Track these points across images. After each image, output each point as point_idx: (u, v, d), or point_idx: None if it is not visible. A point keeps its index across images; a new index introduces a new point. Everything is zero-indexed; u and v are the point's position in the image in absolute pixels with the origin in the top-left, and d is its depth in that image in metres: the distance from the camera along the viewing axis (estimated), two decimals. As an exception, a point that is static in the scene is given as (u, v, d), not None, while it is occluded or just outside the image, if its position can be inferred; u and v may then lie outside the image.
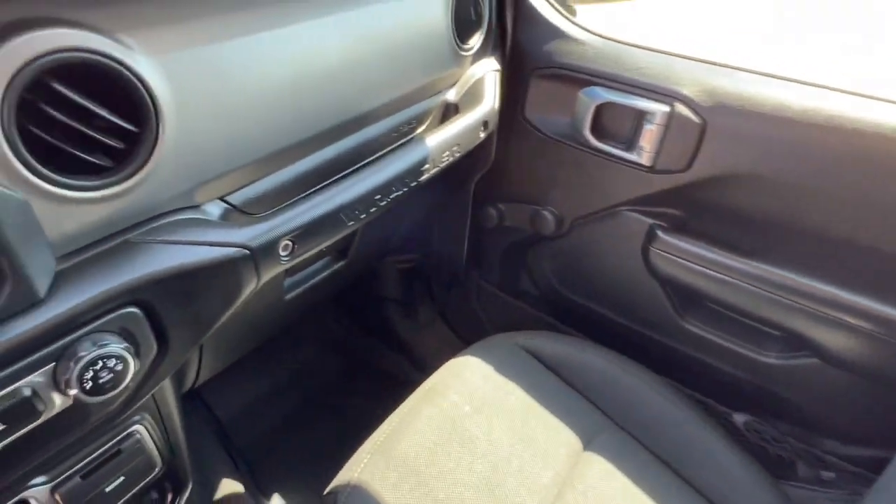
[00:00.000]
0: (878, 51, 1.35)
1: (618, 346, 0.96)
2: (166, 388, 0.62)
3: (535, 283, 1.21)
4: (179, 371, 0.73)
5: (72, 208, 0.44)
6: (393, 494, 0.75)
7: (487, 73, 0.93)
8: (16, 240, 0.39)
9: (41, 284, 0.42)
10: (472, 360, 0.94)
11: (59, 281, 0.44)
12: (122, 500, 0.58)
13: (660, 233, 0.92)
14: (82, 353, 0.43)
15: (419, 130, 0.85)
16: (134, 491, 0.59)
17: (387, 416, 0.86)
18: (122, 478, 0.56)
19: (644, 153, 0.87)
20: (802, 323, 0.86)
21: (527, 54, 0.96)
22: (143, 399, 0.55)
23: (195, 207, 0.56)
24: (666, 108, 0.83)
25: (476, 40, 0.89)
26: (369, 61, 0.70)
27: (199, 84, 0.51)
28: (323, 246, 0.66)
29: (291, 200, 0.63)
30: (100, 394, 0.45)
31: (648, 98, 0.85)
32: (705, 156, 0.83)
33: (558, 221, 1.05)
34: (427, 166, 0.77)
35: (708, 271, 0.90)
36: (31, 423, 0.43)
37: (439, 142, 0.79)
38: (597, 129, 0.92)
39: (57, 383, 0.44)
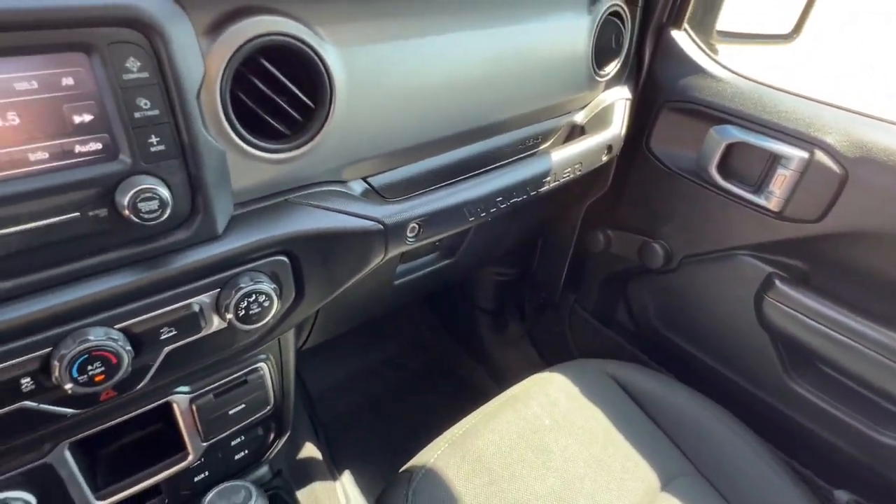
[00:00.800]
0: None
1: (712, 394, 0.92)
2: (288, 339, 0.70)
3: (632, 316, 1.19)
4: (298, 328, 0.81)
5: (253, 165, 0.53)
6: (464, 485, 0.78)
7: (618, 100, 0.95)
8: (212, 182, 0.48)
9: (221, 223, 0.50)
10: (559, 377, 0.95)
11: (232, 224, 0.52)
12: (238, 426, 0.66)
13: (778, 282, 0.88)
14: (242, 286, 0.51)
15: (544, 146, 0.89)
16: (249, 420, 0.67)
17: (459, 418, 0.89)
18: (243, 405, 0.64)
19: (773, 198, 0.84)
20: None
21: (660, 86, 0.97)
22: (274, 338, 0.62)
23: (342, 182, 0.63)
24: (805, 155, 0.80)
25: (612, 68, 0.92)
26: (510, 76, 0.75)
27: (368, 76, 0.58)
28: (443, 236, 0.72)
29: (422, 190, 0.69)
30: (248, 323, 0.53)
31: (786, 142, 0.82)
32: (842, 208, 0.78)
33: (667, 256, 1.03)
34: (548, 178, 0.80)
35: (828, 330, 0.84)
36: (193, 335, 0.52)
37: (563, 158, 0.82)
38: (723, 168, 0.91)
39: (218, 307, 0.52)
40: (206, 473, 0.68)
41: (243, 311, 0.52)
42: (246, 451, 0.72)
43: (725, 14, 1.00)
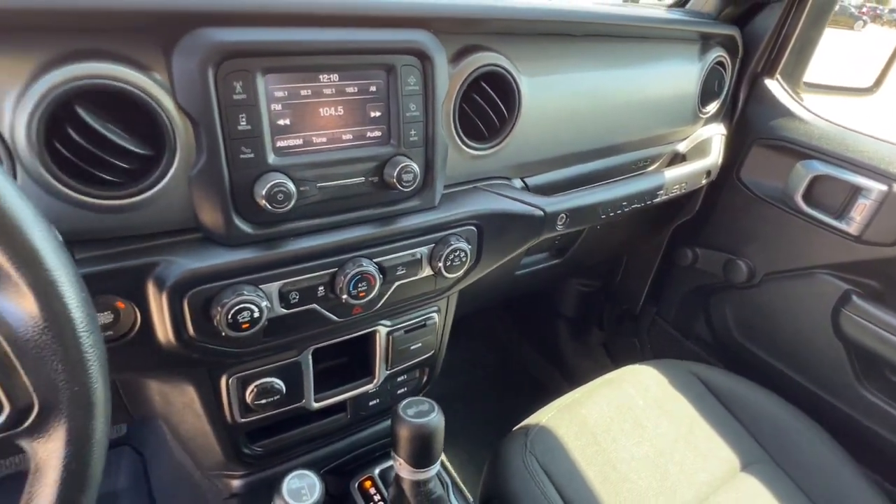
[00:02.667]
0: None
1: (786, 397, 1.04)
2: (452, 300, 0.88)
3: (712, 328, 1.32)
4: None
5: (461, 158, 0.73)
6: (573, 442, 0.93)
7: (714, 135, 1.12)
8: (439, 166, 0.68)
9: (437, 198, 0.70)
10: (649, 369, 1.09)
11: (443, 199, 0.72)
12: (411, 362, 0.84)
13: (855, 298, 1.01)
14: (451, 243, 0.71)
15: (652, 168, 1.06)
16: (418, 359, 0.85)
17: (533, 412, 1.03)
18: (420, 344, 0.83)
19: (853, 223, 0.98)
20: None
21: (752, 125, 1.13)
22: (455, 291, 0.81)
23: (507, 179, 0.83)
24: (884, 187, 0.95)
25: (713, 107, 1.09)
26: (636, 107, 0.94)
27: (541, 101, 0.78)
28: (581, 227, 0.89)
29: (568, 191, 0.87)
30: (450, 272, 0.72)
31: (867, 176, 0.97)
32: None
33: (751, 272, 1.17)
34: (661, 192, 0.97)
35: None
36: (413, 276, 0.71)
37: (672, 177, 0.99)
38: (808, 197, 1.05)
39: (431, 258, 0.71)
40: (378, 400, 0.86)
41: (449, 263, 0.71)
42: (406, 388, 0.89)
43: (812, 68, 1.17)
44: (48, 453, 0.35)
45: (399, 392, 0.89)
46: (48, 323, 0.33)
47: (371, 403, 0.86)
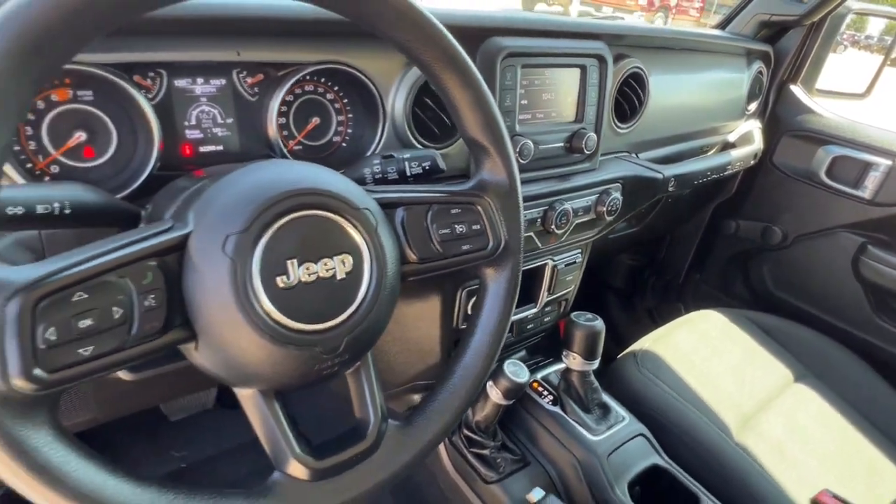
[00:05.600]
0: None
1: (821, 332, 1.34)
2: (590, 245, 1.14)
3: (750, 286, 1.63)
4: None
5: (612, 135, 1.01)
6: (671, 359, 1.20)
7: (755, 128, 1.43)
8: (603, 139, 0.95)
9: (598, 162, 0.98)
10: (710, 313, 1.37)
11: (599, 164, 0.99)
12: (560, 293, 1.09)
13: (870, 247, 1.33)
14: (611, 194, 0.98)
15: (710, 153, 1.37)
16: (566, 290, 1.11)
17: None
18: (570, 277, 1.09)
19: (867, 190, 1.30)
20: None
21: (781, 120, 1.46)
22: (600, 235, 1.08)
23: (629, 153, 1.11)
24: (889, 162, 1.27)
25: (753, 106, 1.41)
26: (705, 102, 1.24)
27: (657, 93, 1.07)
28: (683, 191, 1.17)
29: (671, 164, 1.16)
30: (608, 216, 0.99)
31: (875, 154, 1.30)
32: None
33: (784, 236, 1.48)
34: (728, 167, 1.28)
35: None
36: (585, 218, 0.98)
37: (733, 156, 1.30)
38: (829, 173, 1.38)
39: (596, 204, 0.98)
40: (532, 325, 1.12)
41: (608, 209, 0.98)
42: (549, 318, 1.15)
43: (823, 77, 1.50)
44: (499, 277, 0.61)
45: (546, 319, 1.15)
46: (513, 189, 0.58)
47: (528, 326, 1.11)
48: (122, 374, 0.68)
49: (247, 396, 0.48)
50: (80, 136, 0.58)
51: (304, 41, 0.67)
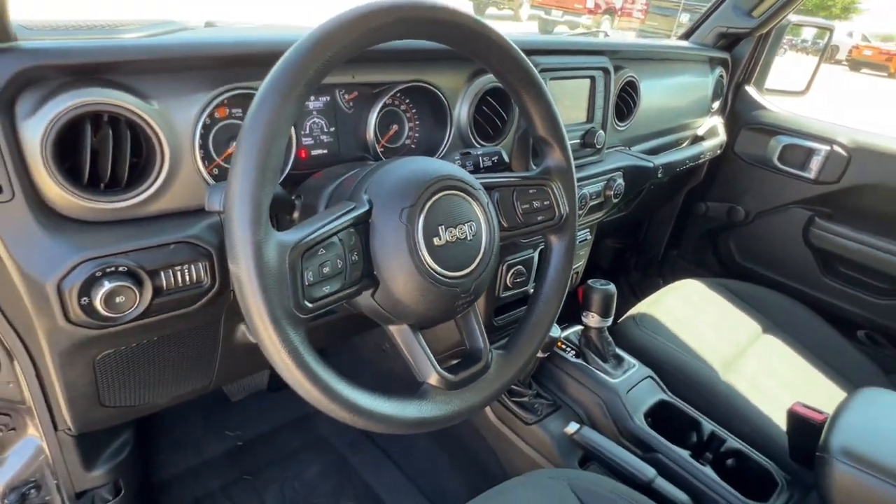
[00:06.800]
0: None
1: (780, 292, 1.60)
2: (596, 226, 1.35)
3: (719, 257, 1.89)
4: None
5: (613, 131, 1.22)
6: (665, 319, 1.42)
7: (718, 123, 1.69)
8: (607, 135, 1.17)
9: (604, 155, 1.19)
10: (689, 282, 1.61)
11: (603, 156, 1.21)
12: (575, 266, 1.30)
13: (817, 219, 1.60)
14: (616, 181, 1.19)
15: (684, 144, 1.61)
16: (579, 264, 1.31)
17: None
18: (582, 252, 1.29)
19: (811, 171, 1.57)
20: None
21: (739, 116, 1.72)
22: (605, 218, 1.28)
23: (622, 147, 1.33)
24: (827, 148, 1.54)
25: (716, 104, 1.66)
26: (679, 102, 1.48)
27: (645, 96, 1.29)
28: (666, 178, 1.40)
29: (656, 154, 1.39)
30: (614, 199, 1.20)
31: (817, 142, 1.57)
32: (849, 174, 1.52)
33: (746, 214, 1.75)
34: (701, 156, 1.52)
35: (845, 242, 1.55)
36: (596, 201, 1.18)
37: (702, 148, 1.55)
38: (781, 159, 1.64)
39: (605, 189, 1.19)
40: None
41: (614, 192, 1.19)
42: None
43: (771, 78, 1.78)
44: (561, 241, 0.80)
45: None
46: (570, 173, 0.78)
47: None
48: (250, 336, 0.84)
49: (400, 330, 0.66)
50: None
51: (396, 65, 0.84)
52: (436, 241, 0.61)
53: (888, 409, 0.80)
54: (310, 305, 0.53)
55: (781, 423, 1.06)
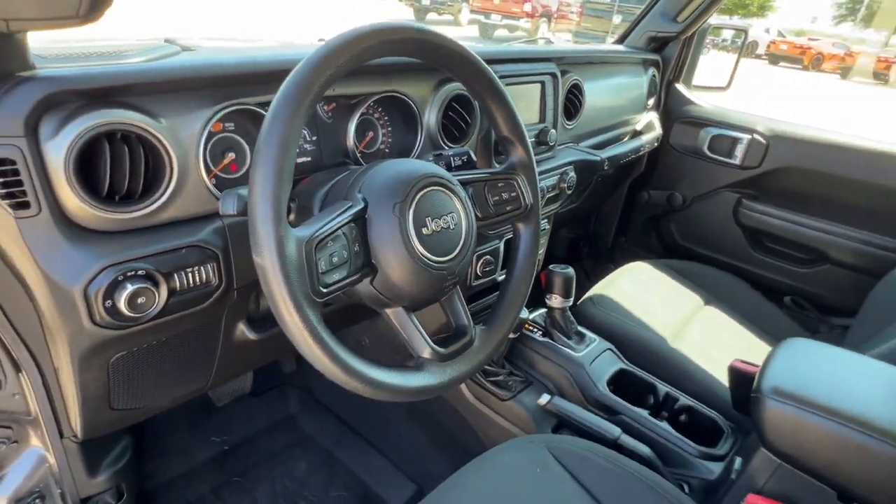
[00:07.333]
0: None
1: (717, 267, 1.78)
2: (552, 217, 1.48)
3: (662, 241, 2.06)
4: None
5: (563, 129, 1.35)
6: (618, 296, 1.56)
7: (654, 118, 1.85)
8: (558, 133, 1.30)
9: (556, 151, 1.31)
10: (637, 264, 1.77)
11: (555, 152, 1.33)
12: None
13: (745, 200, 1.79)
14: (569, 174, 1.32)
15: (625, 139, 1.77)
16: (539, 253, 1.42)
17: None
18: (543, 241, 1.40)
19: (737, 158, 1.76)
20: (821, 245, 1.70)
21: (672, 111, 1.90)
22: (561, 209, 1.40)
23: (572, 143, 1.46)
24: (749, 136, 1.73)
25: (651, 101, 1.83)
26: (618, 101, 1.63)
27: (589, 96, 1.43)
28: (610, 170, 1.54)
29: (602, 149, 1.52)
30: (568, 191, 1.32)
31: (740, 132, 1.76)
32: (768, 159, 1.72)
33: (683, 199, 1.92)
34: (641, 149, 1.68)
35: (770, 220, 1.75)
36: (552, 194, 1.30)
37: (644, 140, 1.70)
38: (711, 148, 1.83)
39: (559, 182, 1.31)
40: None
41: (567, 185, 1.32)
42: None
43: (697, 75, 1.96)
44: (528, 228, 0.90)
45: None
46: (532, 167, 0.89)
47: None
48: (248, 334, 0.90)
49: (395, 312, 0.74)
50: (231, 155, 0.81)
51: (370, 78, 0.93)
52: (424, 230, 0.70)
53: (806, 354, 0.95)
54: (324, 290, 0.61)
55: (724, 380, 1.21)
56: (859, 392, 0.83)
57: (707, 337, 1.48)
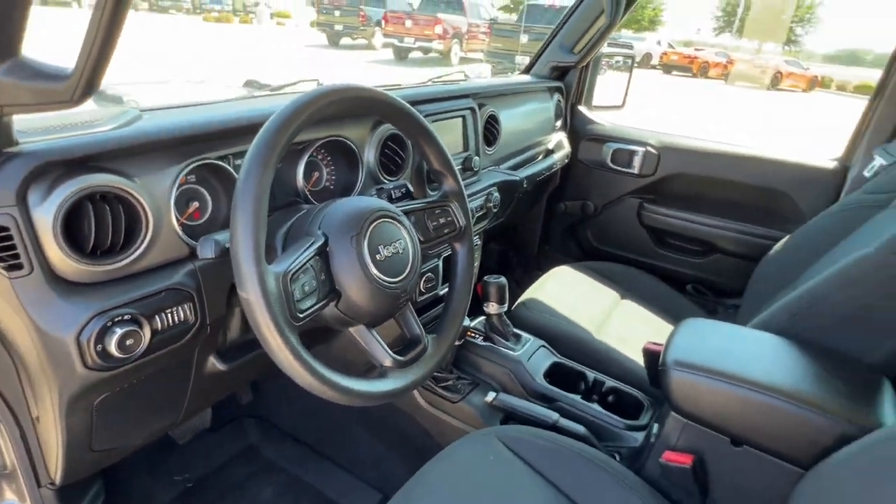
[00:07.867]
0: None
1: (629, 265, 2.02)
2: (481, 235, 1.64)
3: (581, 246, 2.29)
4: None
5: (485, 154, 1.52)
6: (547, 298, 1.74)
7: (563, 137, 2.08)
8: (480, 159, 1.47)
9: (480, 174, 1.48)
10: (561, 268, 1.97)
11: (479, 175, 1.50)
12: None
13: (646, 204, 2.05)
14: (494, 194, 1.49)
15: (539, 157, 1.97)
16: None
17: None
18: (476, 255, 1.56)
19: (635, 168, 2.02)
20: (711, 238, 1.98)
21: (577, 130, 2.14)
22: (490, 226, 1.56)
23: (494, 166, 1.64)
24: (643, 149, 2.00)
25: (559, 123, 2.06)
26: (531, 125, 1.84)
27: (505, 123, 1.61)
28: (528, 188, 1.73)
29: (519, 169, 1.71)
30: (493, 209, 1.49)
31: (635, 146, 2.02)
32: (661, 168, 1.98)
33: (595, 207, 2.16)
34: (554, 166, 1.88)
35: (668, 219, 2.01)
36: (479, 214, 1.46)
37: (556, 158, 1.91)
38: (613, 160, 2.07)
39: (485, 203, 1.48)
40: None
41: (493, 205, 1.48)
42: None
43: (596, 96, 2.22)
44: (464, 246, 1.05)
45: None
46: (462, 194, 1.04)
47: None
48: (218, 365, 0.98)
49: (358, 330, 0.86)
50: (195, 204, 0.90)
51: (314, 126, 1.04)
52: (378, 257, 0.83)
53: (699, 331, 1.15)
54: (301, 315, 0.72)
55: (641, 361, 1.41)
56: (741, 356, 1.03)
57: (625, 327, 1.69)
